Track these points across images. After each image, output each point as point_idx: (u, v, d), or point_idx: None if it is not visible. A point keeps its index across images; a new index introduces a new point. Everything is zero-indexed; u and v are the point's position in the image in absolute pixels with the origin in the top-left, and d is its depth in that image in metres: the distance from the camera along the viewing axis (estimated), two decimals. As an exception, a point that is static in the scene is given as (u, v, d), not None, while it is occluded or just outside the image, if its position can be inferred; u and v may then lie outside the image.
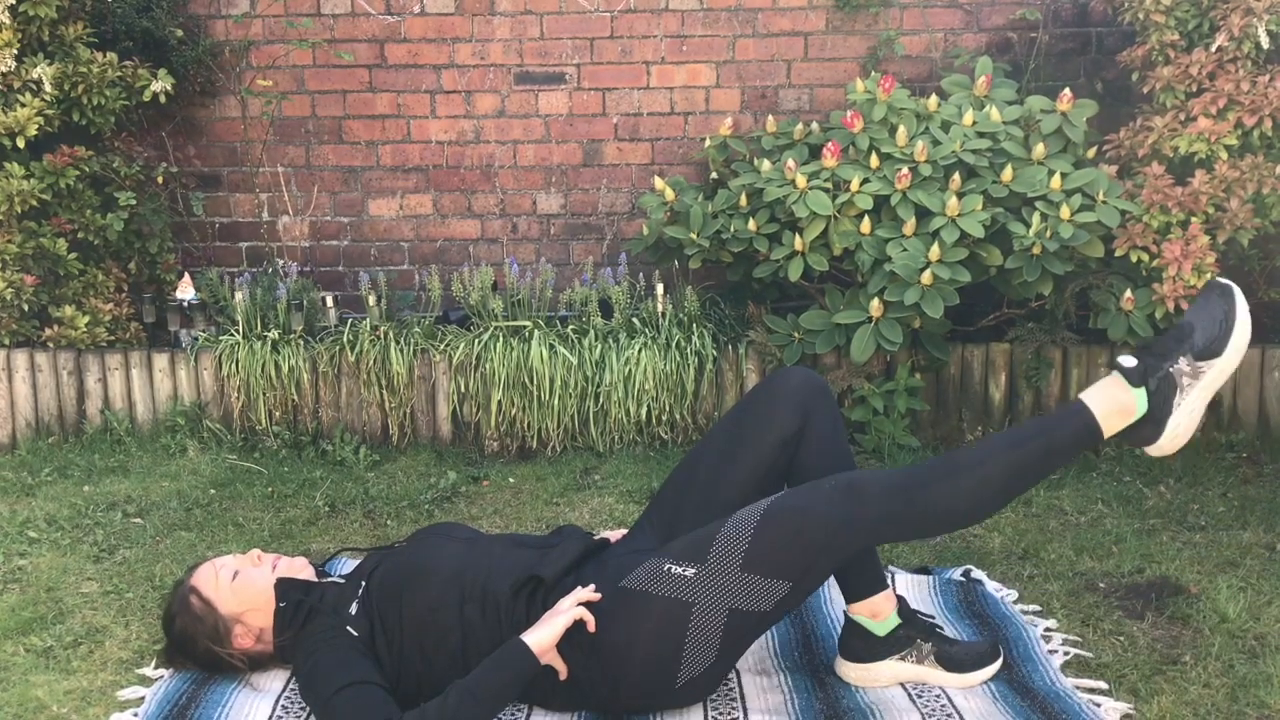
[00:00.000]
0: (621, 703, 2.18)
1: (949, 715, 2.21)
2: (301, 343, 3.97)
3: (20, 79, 3.89)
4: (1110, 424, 2.09)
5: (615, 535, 2.46)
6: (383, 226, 4.59)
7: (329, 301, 4.15)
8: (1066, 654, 2.44)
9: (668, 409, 3.87)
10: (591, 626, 2.09)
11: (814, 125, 4.05)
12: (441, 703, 2.01)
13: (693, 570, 2.07)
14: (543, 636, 2.08)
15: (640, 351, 3.84)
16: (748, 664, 2.43)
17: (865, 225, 3.60)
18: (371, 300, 4.09)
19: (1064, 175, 3.57)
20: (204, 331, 4.08)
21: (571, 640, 2.11)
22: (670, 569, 2.09)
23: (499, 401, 3.89)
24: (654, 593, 2.08)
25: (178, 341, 4.12)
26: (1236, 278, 3.77)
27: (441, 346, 3.96)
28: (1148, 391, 2.09)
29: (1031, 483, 2.13)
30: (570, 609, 2.10)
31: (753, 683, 2.35)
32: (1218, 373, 2.09)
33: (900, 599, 2.37)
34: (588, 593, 2.13)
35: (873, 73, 4.13)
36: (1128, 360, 2.10)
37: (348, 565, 2.90)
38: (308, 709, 2.22)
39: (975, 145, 3.66)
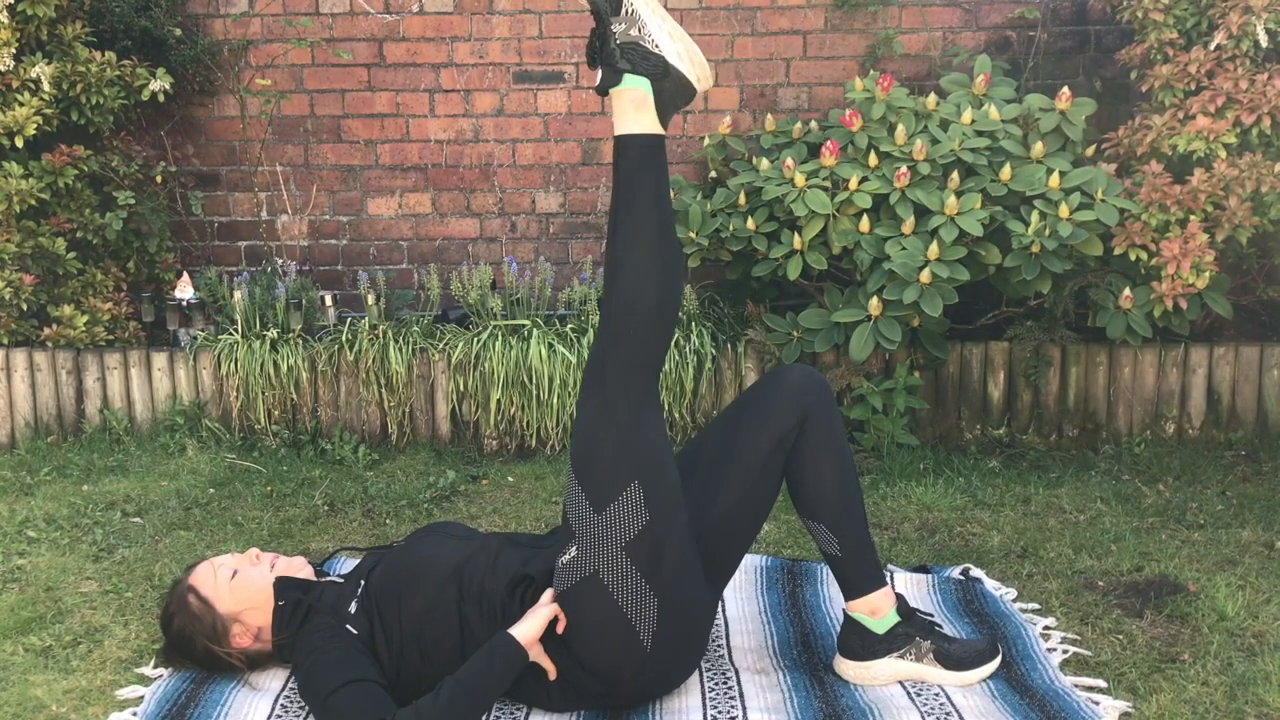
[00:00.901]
0: (618, 697, 2.18)
1: (948, 713, 2.21)
2: (300, 342, 3.97)
3: (19, 78, 3.89)
4: (647, 121, 2.07)
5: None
6: (381, 225, 4.59)
7: (328, 300, 4.15)
8: (1065, 652, 2.44)
9: (667, 408, 3.87)
10: (563, 622, 2.13)
11: (813, 124, 4.05)
12: (434, 698, 2.02)
13: (574, 549, 2.12)
14: (527, 629, 2.11)
15: (639, 350, 3.84)
16: (747, 663, 2.43)
17: (864, 224, 3.60)
18: (370, 299, 4.09)
19: (1063, 174, 3.57)
20: (203, 331, 4.08)
21: (552, 643, 2.15)
22: (563, 560, 2.14)
23: (498, 400, 3.89)
24: (569, 588, 2.13)
25: (176, 341, 4.12)
26: (1235, 276, 3.78)
27: (440, 345, 3.96)
28: (630, 70, 2.06)
29: (665, 223, 2.10)
30: (549, 603, 2.14)
31: (752, 681, 2.35)
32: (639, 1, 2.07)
33: (899, 597, 2.37)
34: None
35: (871, 71, 4.13)
36: (597, 82, 2.10)
37: (346, 564, 2.90)
38: (306, 708, 2.22)
39: (974, 144, 3.65)
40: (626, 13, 2.08)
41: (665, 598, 2.12)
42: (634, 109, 2.08)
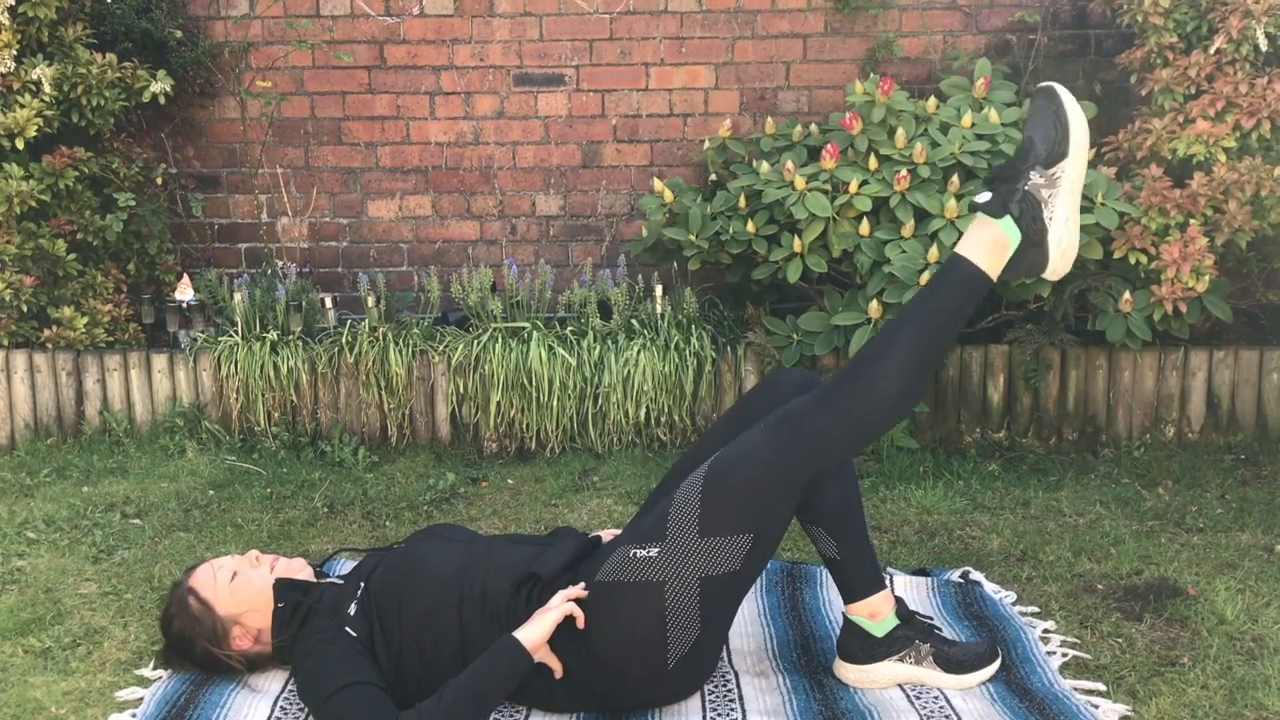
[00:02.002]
0: (620, 698, 2.18)
1: (947, 716, 2.21)
2: (300, 344, 3.97)
3: (20, 80, 3.89)
4: (992, 264, 2.05)
5: (609, 534, 2.46)
6: (382, 228, 4.59)
7: (328, 303, 4.15)
8: (1065, 655, 2.44)
9: (666, 410, 3.87)
10: (581, 623, 2.10)
11: (813, 127, 4.05)
12: (436, 701, 2.01)
13: (655, 549, 2.09)
14: (533, 632, 2.09)
15: (639, 353, 3.84)
16: (747, 666, 2.43)
17: (864, 227, 3.61)
18: (370, 301, 4.10)
19: (1062, 177, 3.57)
20: (203, 332, 4.08)
21: (564, 638, 2.12)
22: (635, 554, 2.11)
23: (498, 403, 3.89)
24: (625, 580, 2.10)
25: (176, 343, 4.12)
26: (1235, 280, 3.78)
27: (440, 348, 3.96)
28: (1014, 218, 2.04)
29: (940, 351, 2.10)
30: (560, 605, 2.11)
31: (751, 684, 2.35)
32: (1074, 173, 2.04)
33: (899, 600, 2.37)
34: (577, 590, 2.14)
35: (871, 74, 4.14)
36: (983, 196, 2.06)
37: (346, 566, 2.90)
38: (306, 709, 2.22)
39: (974, 147, 3.66)
40: (1053, 176, 2.05)
41: (705, 633, 2.12)
42: (990, 245, 2.05)
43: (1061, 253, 2.06)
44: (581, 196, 4.56)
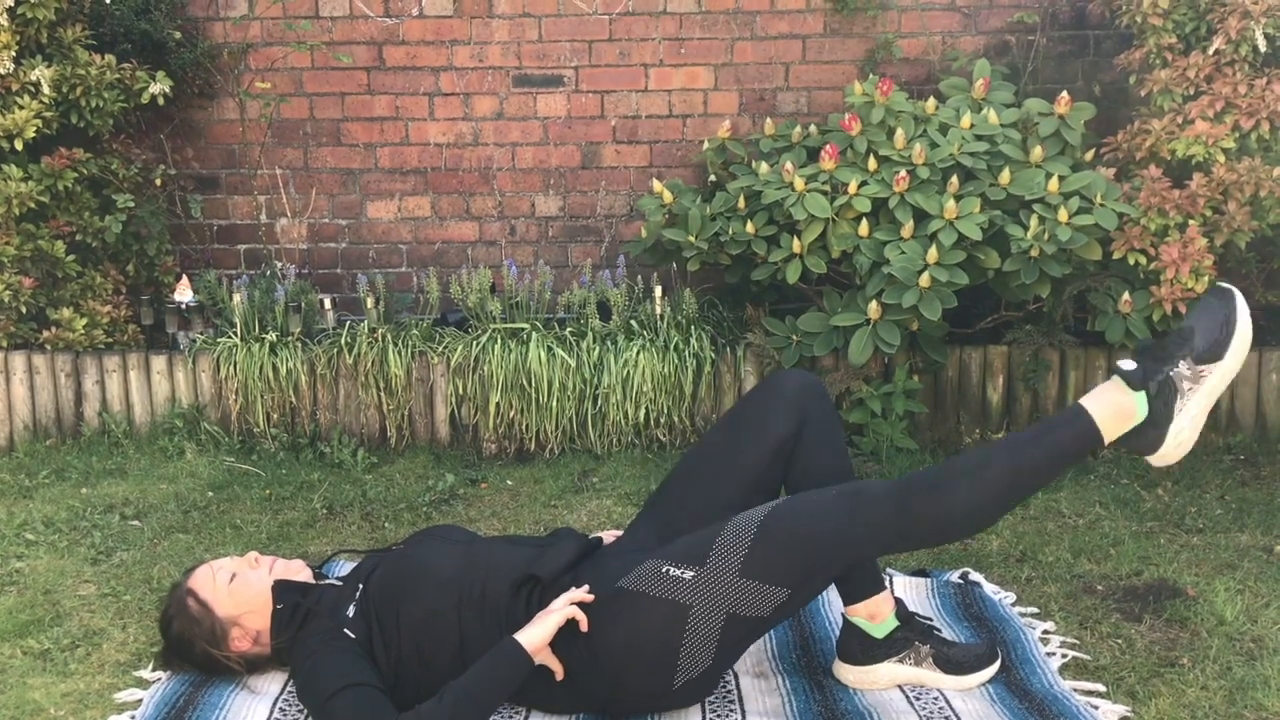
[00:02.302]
0: (620, 703, 2.17)
1: (947, 717, 2.21)
2: (299, 345, 3.97)
3: (19, 81, 3.89)
4: (1110, 429, 2.06)
5: (610, 536, 2.46)
6: (381, 229, 4.59)
7: (327, 304, 4.15)
8: (1064, 656, 2.44)
9: (666, 411, 3.87)
10: (584, 625, 2.10)
11: (812, 128, 4.05)
12: (436, 704, 2.01)
13: (691, 573, 2.07)
14: (535, 635, 2.08)
15: (638, 354, 3.84)
16: (745, 666, 2.43)
17: (863, 228, 3.61)
18: (369, 302, 4.09)
19: (1062, 178, 3.57)
20: (202, 334, 4.08)
21: (569, 640, 2.11)
22: (669, 571, 2.09)
23: (497, 404, 3.89)
24: (652, 594, 2.08)
25: (175, 344, 4.12)
26: (1234, 280, 3.78)
27: (439, 349, 3.96)
28: (1148, 395, 2.05)
29: (1031, 490, 2.10)
30: (562, 608, 2.10)
31: (751, 685, 2.35)
32: (1220, 377, 2.06)
33: (898, 601, 2.37)
34: (580, 593, 2.13)
35: (871, 75, 4.14)
36: (1127, 364, 2.08)
37: (345, 567, 2.90)
38: (305, 711, 2.22)
39: (973, 148, 3.66)
40: (1200, 373, 2.06)
41: (715, 664, 2.12)
42: (1117, 411, 2.06)
43: (1178, 444, 2.08)
44: (581, 197, 4.56)
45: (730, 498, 2.29)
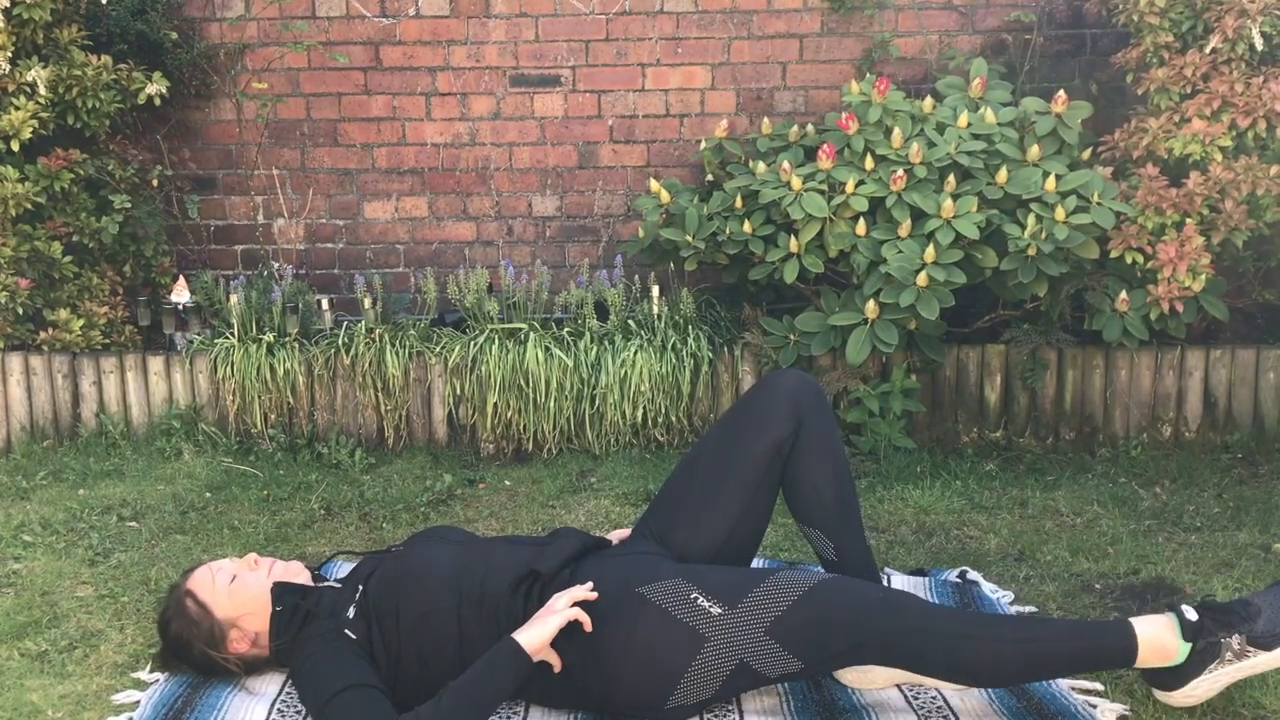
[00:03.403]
0: (613, 705, 2.17)
1: (945, 716, 2.21)
2: (297, 345, 3.96)
3: (15, 82, 3.89)
4: (1146, 658, 2.08)
5: (617, 536, 2.46)
6: (378, 229, 4.58)
7: (324, 304, 4.15)
8: (1062, 655, 2.44)
9: (663, 411, 3.87)
10: (588, 627, 2.09)
11: (809, 127, 4.05)
12: (435, 704, 2.01)
13: (719, 609, 2.07)
14: (535, 636, 2.07)
15: (636, 354, 3.84)
16: (744, 666, 2.43)
17: (861, 227, 3.61)
18: (367, 303, 4.09)
19: (1059, 177, 3.58)
20: (199, 334, 4.07)
21: (571, 637, 2.11)
22: (697, 599, 2.08)
23: (495, 404, 3.89)
24: (673, 614, 2.08)
25: (173, 344, 4.11)
26: (1231, 279, 3.79)
27: (437, 349, 3.96)
28: (1193, 648, 2.08)
29: (1049, 676, 2.11)
30: (565, 609, 2.09)
31: (749, 685, 2.34)
32: (1262, 663, 2.08)
33: (896, 601, 2.37)
34: (584, 591, 2.12)
35: (868, 74, 4.14)
36: (1190, 613, 2.09)
37: (343, 569, 2.89)
38: (303, 712, 2.22)
39: (970, 147, 3.66)
40: (1245, 651, 2.07)
41: (710, 700, 2.12)
42: (1159, 650, 2.07)
43: (1188, 696, 2.11)
44: (578, 197, 4.56)
45: (728, 498, 2.29)
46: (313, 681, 2.11)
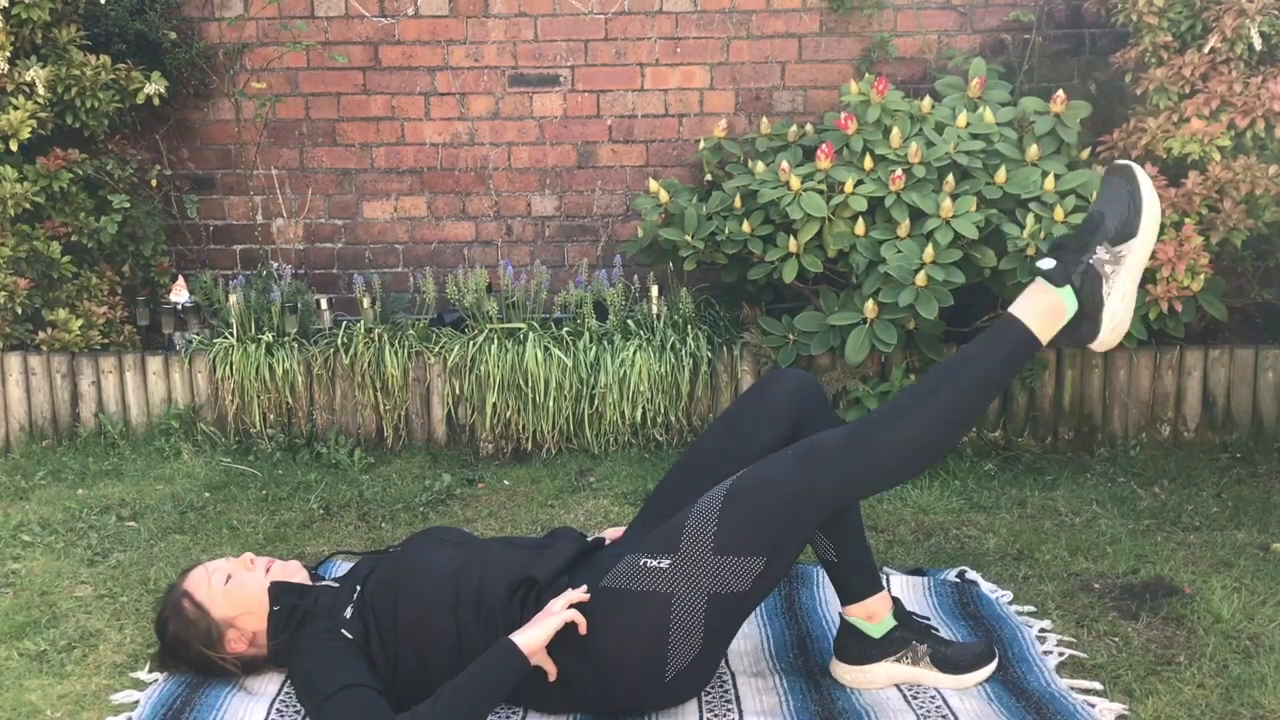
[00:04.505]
0: (615, 702, 2.18)
1: (944, 717, 2.21)
2: (296, 345, 3.96)
3: (13, 82, 3.89)
4: (1045, 330, 2.08)
5: (613, 534, 2.46)
6: (377, 229, 4.58)
7: (323, 304, 4.15)
8: (1061, 655, 2.44)
9: (663, 411, 3.87)
10: (583, 628, 2.09)
11: (808, 127, 4.05)
12: (433, 704, 2.01)
13: (667, 561, 2.08)
14: (533, 637, 2.08)
15: (635, 353, 3.84)
16: (743, 666, 2.43)
17: (859, 227, 3.61)
18: (366, 303, 4.09)
19: (1058, 176, 3.58)
20: (198, 334, 4.07)
21: (562, 641, 2.11)
22: (645, 563, 2.10)
23: (494, 404, 3.89)
24: (633, 589, 2.09)
25: (172, 344, 4.11)
26: (1230, 279, 3.79)
27: (436, 349, 3.96)
28: (1074, 288, 2.07)
29: (981, 407, 2.11)
30: (561, 611, 2.10)
31: (748, 684, 2.35)
32: (1138, 253, 2.08)
33: (895, 601, 2.37)
34: (579, 594, 2.13)
35: (866, 74, 4.14)
36: (1047, 263, 2.09)
37: (342, 568, 2.89)
38: (302, 712, 2.22)
39: (969, 147, 3.66)
40: (1118, 254, 2.07)
41: (706, 649, 2.12)
42: (1047, 312, 2.07)
43: (1113, 327, 2.10)
44: (577, 197, 4.56)
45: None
46: (310, 681, 2.11)
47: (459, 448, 3.98)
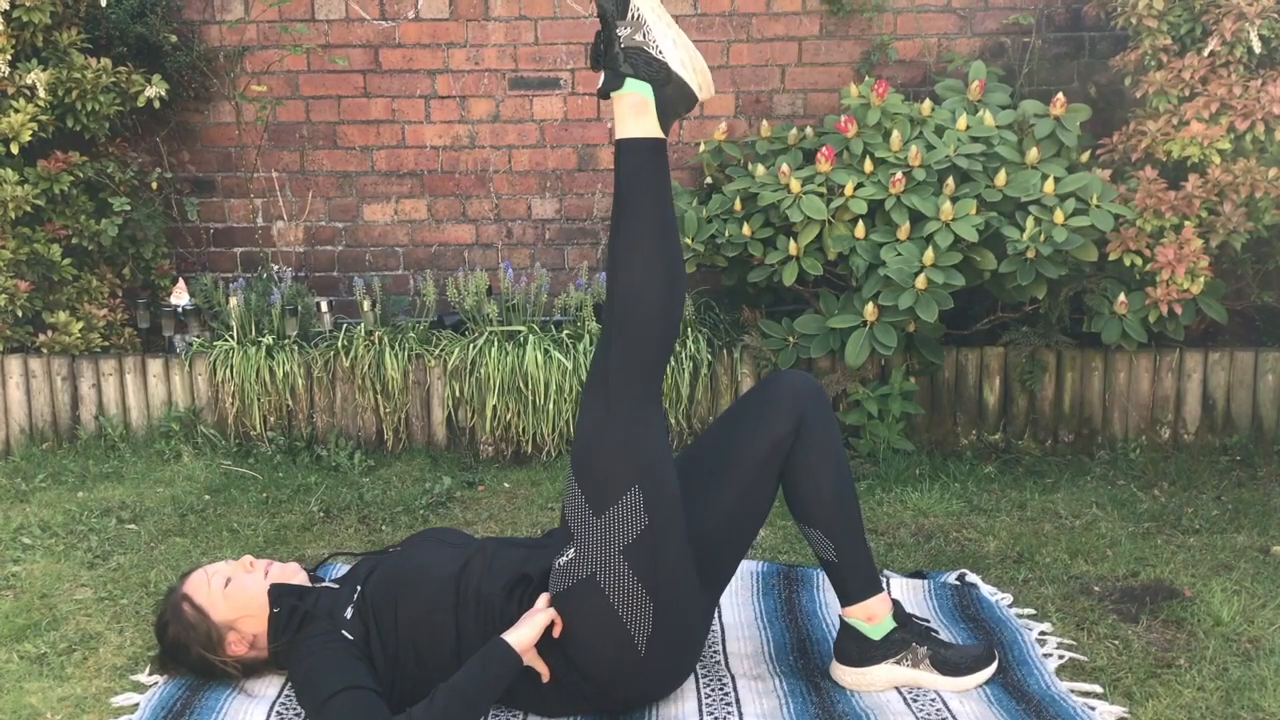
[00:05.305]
0: (610, 698, 2.18)
1: (944, 719, 2.21)
2: (296, 348, 3.96)
3: (14, 84, 3.89)
4: (649, 126, 2.08)
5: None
6: (377, 231, 4.58)
7: (323, 307, 4.15)
8: (1061, 657, 2.44)
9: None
10: (558, 628, 2.13)
11: (808, 130, 4.06)
12: (429, 704, 2.02)
13: (571, 551, 2.13)
14: (523, 635, 2.10)
15: (635, 356, 3.84)
16: (743, 669, 2.43)
17: (859, 230, 3.61)
18: (366, 305, 4.09)
19: (1057, 179, 3.58)
20: (198, 337, 4.07)
21: (546, 645, 2.14)
22: (558, 563, 2.15)
23: (494, 406, 3.89)
24: (566, 590, 2.13)
25: (172, 347, 4.11)
26: (1230, 282, 3.79)
27: (436, 351, 3.96)
28: (633, 76, 2.08)
29: (668, 224, 2.11)
30: (545, 608, 2.13)
31: (748, 687, 2.35)
32: (646, 4, 2.07)
33: (895, 603, 2.37)
34: (544, 597, 2.17)
35: (867, 77, 4.14)
36: (600, 86, 2.11)
37: (341, 570, 2.89)
38: (302, 714, 2.22)
39: (969, 150, 3.66)
40: (632, 17, 2.08)
41: (660, 601, 2.12)
42: (634, 113, 2.09)
43: (693, 71, 2.10)
44: (577, 200, 4.56)
45: (726, 496, 2.28)
46: (310, 683, 2.11)
47: (459, 450, 3.98)
